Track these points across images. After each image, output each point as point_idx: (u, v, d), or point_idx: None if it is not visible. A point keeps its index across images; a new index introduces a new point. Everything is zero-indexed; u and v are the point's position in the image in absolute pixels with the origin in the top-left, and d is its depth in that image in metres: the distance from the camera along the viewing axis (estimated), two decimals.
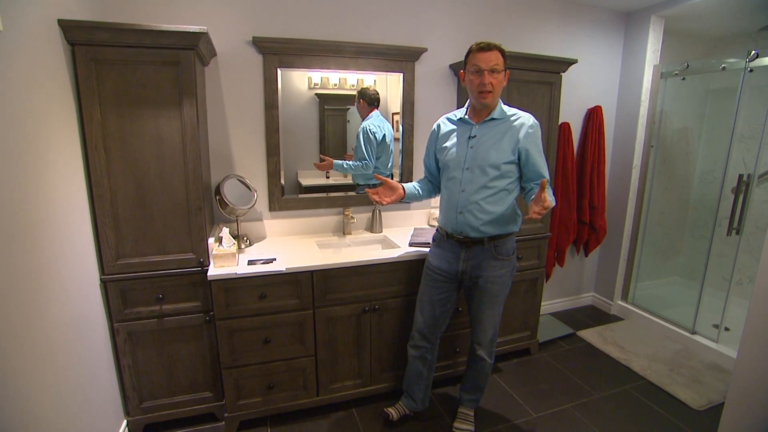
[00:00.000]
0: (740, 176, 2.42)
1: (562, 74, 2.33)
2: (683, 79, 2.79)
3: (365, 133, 2.36)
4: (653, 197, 3.06)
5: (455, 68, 2.47)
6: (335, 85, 2.30)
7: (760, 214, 2.87)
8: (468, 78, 1.65)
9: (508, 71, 1.65)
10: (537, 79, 2.24)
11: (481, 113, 1.68)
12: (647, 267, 3.20)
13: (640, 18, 2.82)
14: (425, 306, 1.84)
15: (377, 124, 2.37)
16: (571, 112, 2.85)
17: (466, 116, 1.72)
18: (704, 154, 3.29)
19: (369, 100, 2.35)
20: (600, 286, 3.32)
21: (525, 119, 1.67)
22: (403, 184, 1.87)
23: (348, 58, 2.22)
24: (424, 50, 2.34)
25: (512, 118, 1.67)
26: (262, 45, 2.07)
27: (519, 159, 1.65)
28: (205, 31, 1.59)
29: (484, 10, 2.51)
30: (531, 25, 2.65)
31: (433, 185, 1.94)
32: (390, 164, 2.48)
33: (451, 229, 1.74)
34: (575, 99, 2.85)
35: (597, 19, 2.83)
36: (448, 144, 1.75)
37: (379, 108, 2.37)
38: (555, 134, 2.36)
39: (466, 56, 1.65)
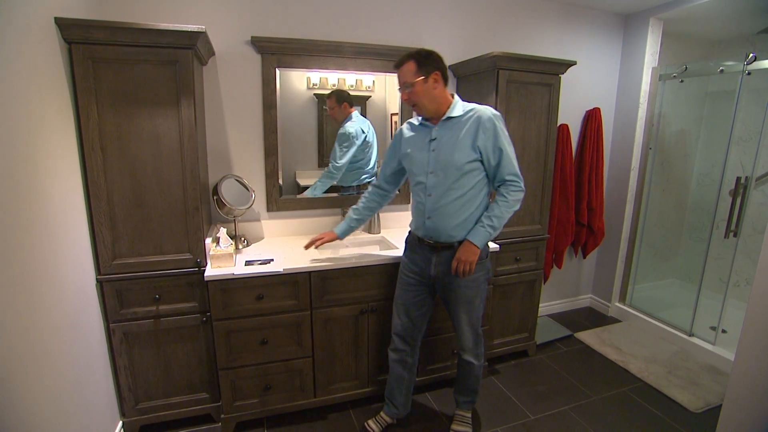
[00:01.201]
0: (738, 179, 2.42)
1: (561, 76, 2.33)
2: (681, 81, 2.79)
3: (341, 136, 2.31)
4: (651, 199, 3.06)
5: (454, 69, 2.46)
6: (334, 85, 2.29)
7: (758, 217, 2.88)
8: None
9: (435, 73, 1.58)
10: (536, 80, 2.24)
11: (437, 116, 1.65)
12: (645, 269, 3.21)
13: (639, 20, 2.83)
14: (401, 309, 1.83)
15: (356, 125, 2.30)
16: (570, 114, 2.85)
17: (426, 120, 1.69)
18: (702, 156, 3.29)
19: (350, 101, 2.29)
20: (598, 287, 3.32)
21: (481, 113, 1.59)
22: (337, 230, 1.90)
23: (347, 58, 2.21)
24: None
25: (468, 115, 1.61)
26: (260, 45, 2.06)
27: (481, 156, 1.60)
28: (204, 30, 1.58)
29: (482, 12, 2.51)
30: (530, 26, 2.65)
31: (384, 192, 1.92)
32: (371, 165, 2.42)
33: (421, 233, 1.72)
34: (574, 101, 2.85)
35: (596, 21, 2.83)
36: (410, 149, 1.72)
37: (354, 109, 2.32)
38: (553, 136, 2.36)
39: None
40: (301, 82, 2.23)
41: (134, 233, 1.71)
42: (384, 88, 2.39)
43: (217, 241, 1.83)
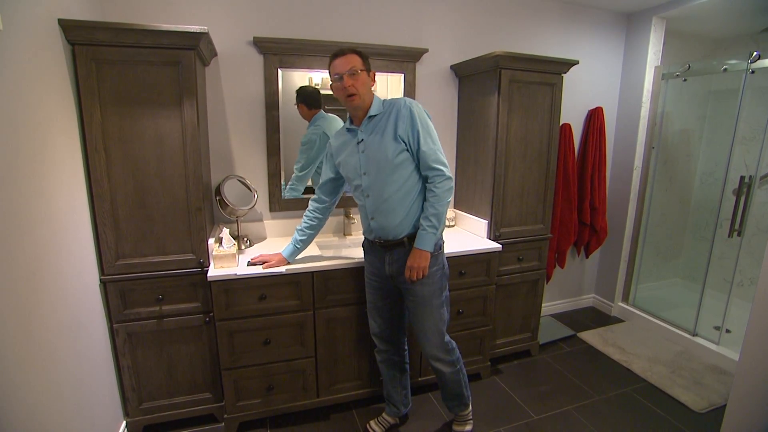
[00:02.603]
0: (742, 178, 2.41)
1: (563, 75, 2.32)
2: (684, 80, 2.78)
3: (302, 144, 2.23)
4: (654, 199, 3.05)
5: (456, 69, 2.46)
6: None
7: (762, 216, 2.86)
8: (333, 87, 1.62)
9: (373, 71, 1.62)
10: (538, 80, 2.23)
11: (360, 116, 1.64)
12: (648, 268, 3.20)
13: (642, 19, 2.82)
14: (374, 313, 1.83)
15: (319, 131, 2.22)
16: (573, 113, 2.84)
17: (350, 125, 1.70)
18: (705, 155, 3.28)
19: (310, 103, 2.18)
20: (601, 287, 3.31)
21: (399, 104, 1.60)
22: (284, 252, 1.84)
23: None
24: (425, 51, 2.33)
25: (388, 109, 1.62)
26: (262, 45, 2.07)
27: (407, 145, 1.59)
28: (206, 31, 1.59)
29: (485, 11, 2.51)
30: (532, 26, 2.64)
31: (324, 207, 1.87)
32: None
33: (370, 235, 1.73)
34: (576, 100, 2.84)
35: (598, 20, 2.83)
36: (343, 156, 1.72)
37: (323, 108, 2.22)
38: (556, 135, 2.36)
39: (328, 68, 1.62)
40: (303, 82, 2.23)
41: (137, 234, 1.71)
42: (386, 89, 2.39)
43: (219, 241, 1.83)
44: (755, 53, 2.32)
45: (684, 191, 3.33)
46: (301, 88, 2.19)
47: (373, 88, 1.64)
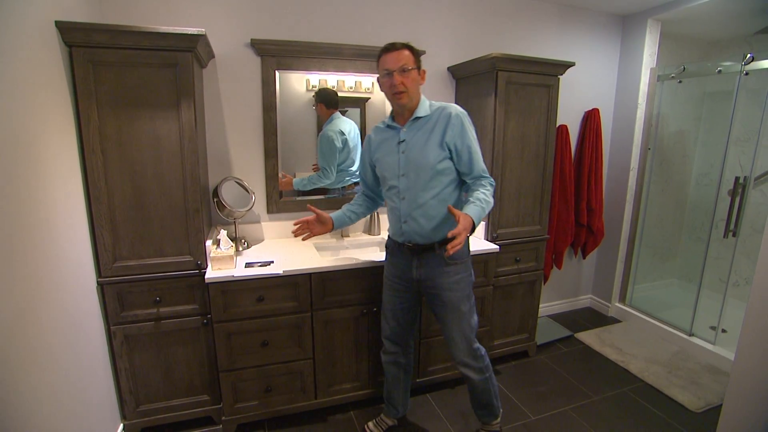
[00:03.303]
0: (737, 179, 2.43)
1: (560, 77, 2.34)
2: (680, 82, 2.80)
3: (323, 140, 2.28)
4: (650, 199, 3.07)
5: (453, 71, 2.47)
6: (333, 87, 2.30)
7: (757, 216, 2.88)
8: (381, 82, 1.59)
9: (424, 70, 1.59)
10: (535, 81, 2.25)
11: (405, 115, 1.61)
12: (645, 269, 3.21)
13: (637, 21, 2.84)
14: (389, 315, 1.79)
15: (337, 129, 2.28)
16: (569, 115, 2.86)
17: (393, 122, 1.66)
18: (701, 156, 3.30)
19: (328, 102, 2.25)
20: (598, 288, 3.33)
21: (450, 110, 1.57)
22: (333, 215, 1.81)
23: (346, 60, 2.22)
24: (423, 53, 2.34)
25: (436, 113, 1.59)
26: (260, 47, 2.07)
27: (451, 154, 1.57)
28: (203, 33, 1.59)
29: (481, 13, 2.52)
30: (528, 28, 2.66)
31: (372, 200, 1.88)
32: (354, 167, 2.39)
33: (399, 238, 1.68)
34: (573, 101, 2.86)
35: (594, 22, 2.84)
36: (380, 154, 1.69)
37: (338, 109, 2.29)
38: (553, 137, 2.37)
39: (377, 61, 1.58)
40: (301, 84, 2.24)
41: (135, 235, 1.71)
42: None
43: (217, 243, 1.83)
44: (749, 55, 2.34)
45: (680, 192, 3.35)
46: (321, 89, 2.24)
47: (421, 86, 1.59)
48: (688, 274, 3.40)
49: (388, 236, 1.78)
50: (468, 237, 1.61)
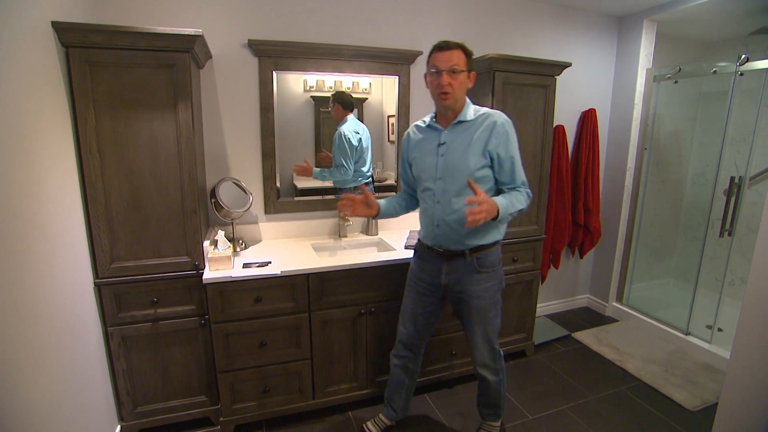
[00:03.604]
0: (732, 178, 2.45)
1: (557, 77, 2.35)
2: (675, 82, 2.82)
3: (341, 138, 2.32)
4: (647, 199, 3.09)
5: None
6: (330, 87, 2.30)
7: (752, 216, 2.90)
8: (428, 80, 1.55)
9: (474, 73, 1.55)
10: (532, 82, 2.26)
11: (448, 117, 1.57)
12: (641, 268, 3.23)
13: (633, 22, 2.85)
14: (407, 318, 1.77)
15: (352, 129, 2.33)
16: (566, 115, 2.87)
17: (434, 122, 1.62)
18: (697, 156, 3.32)
19: (345, 104, 2.31)
20: (595, 287, 3.34)
21: (495, 118, 1.54)
22: (381, 201, 1.77)
23: (344, 60, 2.22)
24: (420, 53, 2.35)
25: (481, 119, 1.55)
26: (257, 48, 2.07)
27: (492, 163, 1.55)
28: (201, 33, 1.59)
29: (479, 14, 2.53)
30: (525, 28, 2.67)
31: (412, 197, 1.84)
32: (367, 168, 2.44)
33: (431, 242, 1.65)
34: (570, 102, 2.87)
35: (591, 23, 2.86)
36: (418, 154, 1.65)
37: (353, 112, 2.35)
38: (550, 137, 2.38)
39: (428, 57, 1.54)
40: (298, 85, 2.24)
41: (132, 236, 1.71)
42: (381, 91, 2.40)
43: (215, 243, 1.83)
44: (743, 56, 2.35)
45: (676, 192, 3.36)
46: (338, 91, 2.31)
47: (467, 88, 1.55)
48: (684, 274, 3.42)
49: (418, 239, 1.75)
50: (499, 245, 1.64)
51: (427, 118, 1.67)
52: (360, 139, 2.36)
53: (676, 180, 3.34)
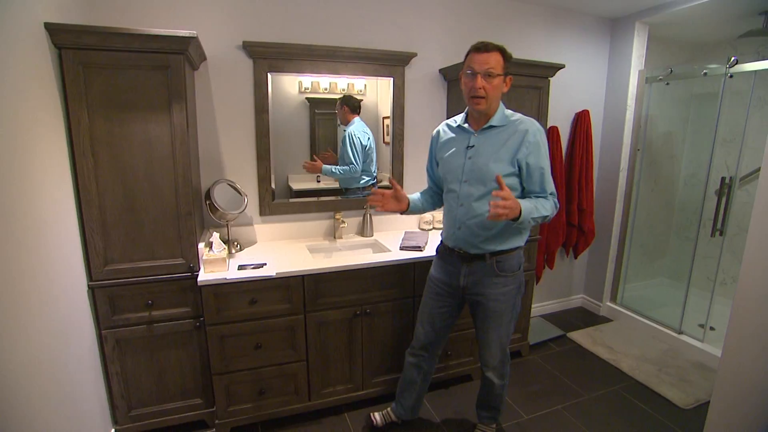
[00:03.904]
0: (723, 179, 2.48)
1: (550, 79, 2.36)
2: (667, 84, 2.85)
3: (351, 138, 2.37)
4: (640, 200, 3.11)
5: (445, 73, 2.49)
6: (325, 89, 2.31)
7: (743, 216, 2.93)
8: (463, 80, 1.52)
9: (510, 77, 1.52)
10: (526, 83, 2.27)
11: (480, 120, 1.56)
12: (635, 268, 3.25)
13: (625, 24, 2.88)
14: (425, 319, 1.77)
15: (361, 130, 2.40)
16: (560, 117, 2.89)
17: (465, 123, 1.60)
18: (689, 157, 3.36)
19: (352, 107, 2.37)
20: (589, 287, 3.36)
21: (527, 126, 1.52)
22: (410, 196, 1.75)
23: (339, 62, 2.23)
24: (414, 55, 2.36)
25: (512, 126, 1.53)
26: (252, 49, 2.07)
27: (519, 171, 1.52)
28: (195, 35, 1.59)
29: (473, 16, 2.54)
30: (519, 30, 2.69)
31: (438, 195, 1.82)
32: (373, 169, 2.49)
33: (451, 243, 1.65)
34: (563, 103, 2.89)
35: (583, 25, 2.88)
36: (446, 154, 1.64)
37: (360, 115, 2.40)
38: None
39: (465, 57, 1.52)
40: (293, 87, 2.24)
41: (126, 239, 1.70)
42: (376, 92, 2.41)
43: (209, 245, 1.83)
44: (733, 58, 2.39)
45: (669, 192, 3.40)
46: (347, 95, 2.36)
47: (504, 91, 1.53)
48: (677, 273, 3.45)
49: (441, 240, 1.74)
50: (521, 250, 1.63)
51: (459, 118, 1.64)
52: (369, 138, 2.42)
53: (668, 180, 3.37)
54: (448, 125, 1.71)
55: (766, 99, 2.87)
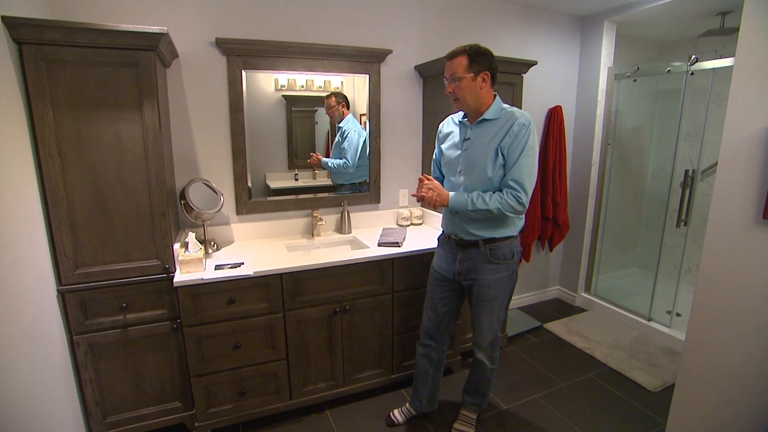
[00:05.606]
0: (686, 172, 2.59)
1: (524, 75, 2.41)
2: (635, 80, 2.95)
3: (349, 133, 2.41)
4: (611, 193, 3.22)
5: (420, 70, 2.51)
6: (302, 86, 2.29)
7: (704, 207, 3.07)
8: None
9: (485, 72, 1.59)
10: (499, 80, 2.27)
11: (474, 115, 1.66)
12: (608, 259, 3.37)
13: (595, 22, 2.97)
14: (429, 305, 1.87)
15: (357, 125, 2.45)
16: (533, 112, 2.94)
17: (465, 118, 1.71)
18: (656, 151, 3.50)
19: (347, 103, 2.40)
20: (564, 279, 3.46)
21: (515, 117, 1.59)
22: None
23: (314, 59, 2.22)
24: (389, 52, 2.37)
25: (504, 118, 1.61)
26: (225, 46, 2.04)
27: (504, 160, 1.58)
28: (165, 31, 1.55)
29: (447, 13, 2.57)
30: (492, 27, 2.73)
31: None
32: (367, 163, 2.52)
33: (448, 230, 1.76)
34: (537, 99, 2.96)
35: (555, 23, 2.95)
36: (446, 146, 1.77)
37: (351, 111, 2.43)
38: None
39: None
40: (269, 84, 2.22)
41: (98, 241, 1.65)
42: (353, 89, 2.41)
43: (185, 246, 1.79)
44: (693, 57, 2.50)
45: (638, 185, 3.53)
46: (340, 92, 2.39)
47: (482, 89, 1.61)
48: (646, 263, 3.59)
49: (442, 230, 1.84)
50: (517, 239, 1.72)
51: (459, 114, 1.76)
52: (364, 133, 2.46)
53: (637, 174, 3.50)
54: (450, 119, 1.82)
55: (724, 95, 3.01)
